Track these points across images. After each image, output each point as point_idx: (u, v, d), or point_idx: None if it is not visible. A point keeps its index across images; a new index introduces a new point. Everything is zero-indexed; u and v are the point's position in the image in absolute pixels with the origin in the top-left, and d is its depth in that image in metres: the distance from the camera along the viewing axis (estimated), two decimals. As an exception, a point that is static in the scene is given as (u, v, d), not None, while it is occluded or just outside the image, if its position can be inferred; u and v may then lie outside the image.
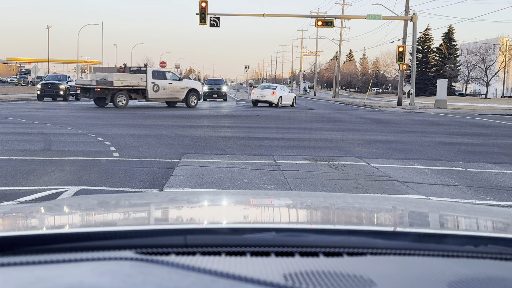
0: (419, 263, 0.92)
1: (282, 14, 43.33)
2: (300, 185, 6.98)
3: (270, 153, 9.96)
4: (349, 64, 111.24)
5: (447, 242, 1.06)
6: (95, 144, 10.75)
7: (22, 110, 21.97)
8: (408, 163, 9.24)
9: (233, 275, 0.79)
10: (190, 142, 11.46)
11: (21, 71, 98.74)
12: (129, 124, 15.68)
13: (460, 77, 71.84)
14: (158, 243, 0.96)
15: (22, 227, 1.32)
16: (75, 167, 7.84)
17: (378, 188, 6.90)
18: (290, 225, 1.29)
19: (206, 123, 17.54)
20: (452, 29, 76.50)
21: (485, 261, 0.96)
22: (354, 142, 12.39)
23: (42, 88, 32.69)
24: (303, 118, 21.38)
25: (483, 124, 20.83)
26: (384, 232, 1.13)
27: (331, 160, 9.24)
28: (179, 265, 0.83)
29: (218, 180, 7.10)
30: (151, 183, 6.84)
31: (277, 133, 14.13)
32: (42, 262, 0.85)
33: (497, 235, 1.16)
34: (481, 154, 10.69)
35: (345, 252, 0.95)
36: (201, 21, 30.11)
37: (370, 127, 17.55)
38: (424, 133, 15.40)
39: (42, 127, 14.30)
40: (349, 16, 44.60)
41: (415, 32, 34.65)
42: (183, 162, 8.47)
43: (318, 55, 79.22)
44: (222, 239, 1.00)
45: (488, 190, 6.99)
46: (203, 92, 41.32)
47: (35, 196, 5.91)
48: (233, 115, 22.80)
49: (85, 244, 0.97)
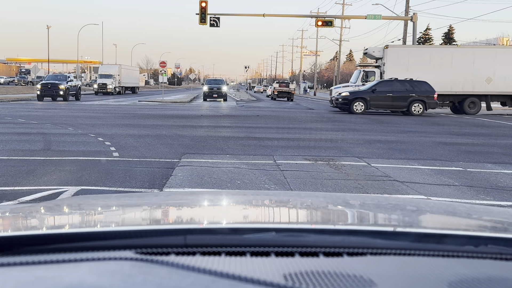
0: (419, 263, 0.92)
1: (282, 14, 43.41)
2: (300, 185, 6.98)
3: (270, 153, 9.96)
4: (349, 64, 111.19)
5: (447, 242, 1.06)
6: (95, 144, 10.75)
7: (22, 110, 21.98)
8: (408, 163, 9.24)
9: (233, 275, 0.79)
10: (190, 142, 11.46)
11: (21, 71, 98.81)
12: (129, 124, 15.69)
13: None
14: (158, 243, 0.96)
15: (22, 227, 1.32)
16: (75, 167, 7.85)
17: (378, 188, 6.90)
18: (290, 225, 1.29)
19: (206, 123, 17.54)
20: (452, 29, 76.57)
21: (485, 261, 0.96)
22: (354, 142, 12.39)
23: (42, 88, 32.70)
24: (303, 118, 21.38)
25: (483, 124, 20.83)
26: (384, 232, 1.13)
27: (331, 160, 9.24)
28: (179, 265, 0.83)
29: (218, 180, 7.10)
30: (151, 183, 6.84)
31: (277, 133, 14.13)
32: (42, 262, 0.85)
33: (497, 235, 1.16)
34: (481, 154, 10.69)
35: (345, 252, 0.95)
36: (201, 21, 30.14)
37: (370, 127, 17.55)
38: (424, 133, 15.40)
39: (42, 127, 14.31)
40: (349, 16, 44.62)
41: (415, 32, 34.66)
42: (183, 162, 8.47)
43: (318, 55, 79.29)
44: (222, 239, 1.00)
45: (488, 190, 6.99)
46: (203, 92, 41.41)
47: (35, 196, 5.91)
48: (233, 115, 22.81)
49: (85, 244, 0.97)
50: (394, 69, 27.68)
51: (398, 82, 25.06)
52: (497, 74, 27.94)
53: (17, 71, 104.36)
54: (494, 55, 28.37)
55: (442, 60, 28.11)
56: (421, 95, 24.48)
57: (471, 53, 28.52)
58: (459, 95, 28.08)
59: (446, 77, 27.56)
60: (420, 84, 24.95)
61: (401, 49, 29.16)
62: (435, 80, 26.78)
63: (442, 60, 28.11)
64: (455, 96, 28.18)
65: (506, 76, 27.84)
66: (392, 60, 28.19)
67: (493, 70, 27.96)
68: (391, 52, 28.40)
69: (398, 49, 29.04)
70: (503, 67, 27.87)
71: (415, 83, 24.95)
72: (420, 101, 24.35)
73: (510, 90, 28.14)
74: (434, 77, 27.02)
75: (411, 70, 27.41)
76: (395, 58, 28.17)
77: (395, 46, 29.32)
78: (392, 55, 28.32)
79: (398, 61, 28.00)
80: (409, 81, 25.09)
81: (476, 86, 27.89)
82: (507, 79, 27.88)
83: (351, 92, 25.70)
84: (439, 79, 27.18)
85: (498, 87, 28.00)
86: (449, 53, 28.57)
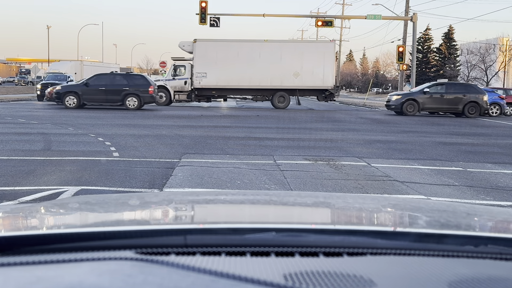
0: (419, 263, 0.92)
1: (282, 14, 43.42)
2: (300, 185, 6.98)
3: (270, 153, 9.96)
4: (349, 64, 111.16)
5: (447, 242, 1.06)
6: (95, 144, 10.75)
7: (22, 110, 21.98)
8: (408, 163, 9.24)
9: (233, 275, 0.79)
10: (190, 142, 11.46)
11: (21, 71, 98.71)
12: (129, 124, 15.69)
13: (460, 77, 71.76)
14: (158, 243, 0.96)
15: (22, 227, 1.32)
16: (75, 167, 7.85)
17: (378, 188, 6.90)
18: (290, 225, 1.29)
19: (206, 123, 17.54)
20: (452, 29, 76.47)
21: (485, 261, 0.96)
22: (354, 142, 12.39)
23: (42, 88, 32.64)
24: (303, 118, 21.38)
25: (483, 124, 20.83)
26: (384, 232, 1.13)
27: (331, 160, 9.24)
28: (179, 265, 0.83)
29: (218, 180, 7.10)
30: (151, 183, 6.84)
31: (277, 133, 14.13)
32: (42, 262, 0.85)
33: (497, 235, 1.16)
34: (481, 154, 10.69)
35: (345, 252, 0.95)
36: (201, 21, 30.10)
37: (370, 127, 17.55)
38: (424, 133, 15.40)
39: (42, 127, 14.30)
40: (349, 16, 44.62)
41: (415, 32, 34.65)
42: (183, 162, 8.47)
43: (318, 55, 79.16)
44: (222, 239, 1.00)
45: (488, 190, 6.99)
46: None
47: (35, 196, 5.91)
48: (233, 115, 22.81)
49: (85, 244, 0.97)
50: (203, 63, 28.09)
51: (114, 76, 24.99)
52: (304, 69, 28.33)
53: (17, 71, 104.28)
54: (301, 50, 28.75)
55: (251, 54, 28.32)
56: (136, 89, 23.77)
57: (278, 47, 28.79)
58: (268, 90, 28.52)
59: (255, 72, 27.92)
60: (136, 78, 24.74)
61: (209, 43, 29.07)
62: (244, 74, 27.56)
63: (250, 54, 28.32)
64: (265, 91, 28.60)
65: (313, 70, 28.30)
66: (200, 54, 28.35)
67: (301, 65, 28.33)
68: (200, 46, 28.49)
69: (207, 43, 28.96)
70: (310, 62, 28.29)
71: (131, 77, 24.65)
72: (135, 95, 23.63)
73: (318, 85, 28.59)
74: (243, 71, 27.73)
75: (219, 64, 27.93)
76: (204, 52, 28.31)
77: (203, 40, 29.14)
78: (200, 49, 28.47)
79: (207, 55, 28.21)
80: (126, 75, 24.99)
81: (284, 80, 28.28)
82: (314, 73, 28.32)
83: (63, 86, 25.04)
84: (248, 73, 27.81)
85: (306, 82, 28.42)
86: (257, 47, 28.72)
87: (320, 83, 28.53)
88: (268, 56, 28.30)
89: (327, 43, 29.94)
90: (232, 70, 27.84)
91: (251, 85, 28.19)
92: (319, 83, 28.54)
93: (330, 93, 28.97)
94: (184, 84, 28.49)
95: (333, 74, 28.88)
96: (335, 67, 29.51)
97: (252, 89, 28.64)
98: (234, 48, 28.57)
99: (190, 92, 28.52)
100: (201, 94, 28.81)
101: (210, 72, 28.05)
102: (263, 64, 28.03)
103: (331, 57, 28.93)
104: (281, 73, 28.14)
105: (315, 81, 28.50)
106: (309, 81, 28.44)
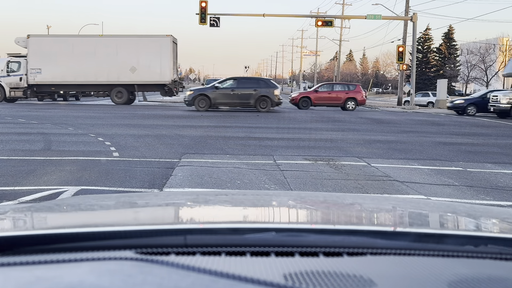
0: (419, 263, 0.92)
1: (282, 14, 43.41)
2: (300, 185, 6.98)
3: (270, 153, 9.96)
4: (349, 64, 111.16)
5: (447, 242, 1.06)
6: (95, 144, 10.75)
7: (22, 110, 21.98)
8: (408, 163, 9.24)
9: (233, 275, 0.79)
10: (190, 142, 11.46)
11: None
12: (129, 124, 15.69)
13: (460, 77, 71.82)
14: (158, 243, 0.96)
15: (22, 227, 1.32)
16: (75, 167, 7.85)
17: (378, 188, 6.90)
18: (290, 225, 1.28)
19: (206, 123, 17.54)
20: (452, 29, 76.47)
21: (485, 261, 0.96)
22: (354, 142, 12.39)
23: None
24: (303, 118, 21.37)
25: (483, 124, 20.84)
26: (384, 232, 1.13)
27: (331, 160, 9.24)
28: (179, 265, 0.83)
29: (218, 180, 7.10)
30: (151, 183, 6.84)
31: (277, 133, 14.13)
32: (42, 262, 0.85)
33: (497, 235, 1.16)
34: (481, 154, 10.69)
35: (345, 252, 0.95)
36: (201, 21, 30.12)
37: (370, 127, 17.55)
38: (424, 133, 15.40)
39: (42, 127, 14.31)
40: (349, 16, 44.62)
41: (415, 32, 34.67)
42: (183, 162, 8.47)
43: (318, 55, 79.24)
44: (222, 239, 1.00)
45: (488, 190, 6.99)
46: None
47: (35, 196, 5.91)
48: (233, 115, 22.81)
49: (85, 244, 0.97)
50: (37, 59, 27.98)
51: None
52: (141, 64, 28.43)
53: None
54: (137, 45, 28.69)
55: (86, 49, 28.29)
56: None
57: (114, 43, 28.77)
58: (106, 85, 28.47)
59: (90, 67, 27.92)
60: None
61: (43, 39, 29.07)
62: (79, 69, 27.57)
63: (85, 49, 28.28)
64: (105, 86, 28.59)
65: (150, 65, 28.38)
66: (34, 50, 28.20)
67: (137, 59, 28.43)
68: (33, 42, 28.36)
69: (41, 38, 28.97)
70: (147, 56, 28.41)
71: None
72: None
73: (156, 80, 28.65)
74: (77, 66, 27.72)
75: (54, 60, 27.90)
76: (38, 48, 28.19)
77: (37, 35, 29.14)
78: (34, 45, 28.34)
79: (41, 51, 28.09)
80: None
81: (121, 76, 28.32)
82: (151, 68, 28.39)
83: None
84: (83, 69, 27.80)
85: (143, 77, 28.46)
86: (92, 42, 28.70)
87: (158, 78, 28.55)
88: (104, 51, 28.28)
89: (163, 38, 29.36)
90: (68, 65, 27.78)
91: (88, 81, 28.14)
92: (156, 78, 28.54)
93: (169, 88, 28.96)
94: (19, 81, 28.36)
95: (171, 68, 28.80)
96: (172, 62, 29.11)
97: (93, 85, 28.56)
98: (69, 44, 28.52)
99: (26, 89, 28.33)
100: (40, 90, 28.73)
101: (45, 68, 27.97)
102: (99, 59, 28.08)
103: (168, 52, 28.77)
104: (118, 68, 28.19)
105: (153, 76, 28.51)
106: (147, 76, 28.44)
